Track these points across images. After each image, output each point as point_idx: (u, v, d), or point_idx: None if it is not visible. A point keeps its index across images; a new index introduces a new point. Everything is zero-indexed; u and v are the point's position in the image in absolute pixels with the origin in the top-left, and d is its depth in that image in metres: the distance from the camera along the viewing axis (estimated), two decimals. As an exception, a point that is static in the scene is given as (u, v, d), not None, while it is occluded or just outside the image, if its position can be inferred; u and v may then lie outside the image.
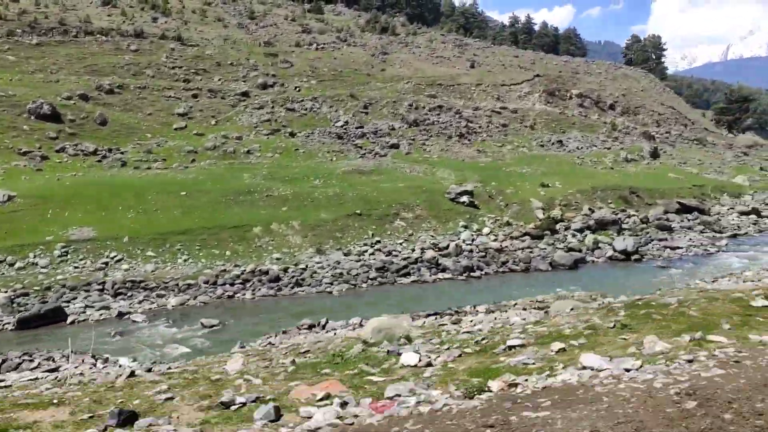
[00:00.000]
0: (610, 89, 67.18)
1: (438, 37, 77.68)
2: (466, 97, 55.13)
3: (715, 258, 26.74)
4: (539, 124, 53.22)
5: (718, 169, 51.44)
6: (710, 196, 40.24)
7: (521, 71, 64.04)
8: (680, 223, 33.61)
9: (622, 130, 57.55)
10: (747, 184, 45.04)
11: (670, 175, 44.11)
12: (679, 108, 74.38)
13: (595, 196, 32.64)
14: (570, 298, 13.81)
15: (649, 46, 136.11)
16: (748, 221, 35.54)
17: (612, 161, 46.76)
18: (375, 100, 50.06)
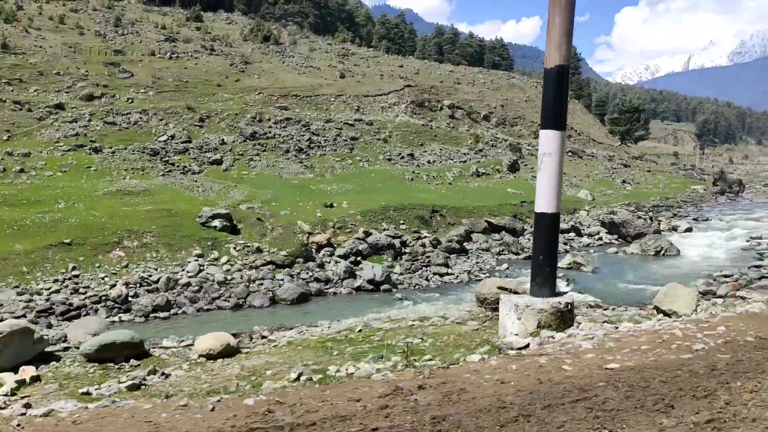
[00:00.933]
0: (489, 100, 65.83)
1: (323, 47, 75.36)
2: (322, 109, 52.67)
3: (475, 286, 24.50)
4: (395, 137, 51.10)
5: (575, 183, 50.15)
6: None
7: (394, 81, 62.04)
8: (483, 244, 31.64)
9: (489, 142, 55.98)
10: (589, 199, 43.67)
11: (509, 190, 42.41)
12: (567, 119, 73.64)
13: (384, 216, 30.28)
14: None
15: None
16: (561, 239, 33.79)
17: (456, 176, 44.85)
18: (215, 112, 47.13)
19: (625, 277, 25.72)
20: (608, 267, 28.02)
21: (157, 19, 72.03)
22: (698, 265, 27.92)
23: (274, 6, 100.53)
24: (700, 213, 44.01)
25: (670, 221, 39.13)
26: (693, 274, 25.19)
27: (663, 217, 41.69)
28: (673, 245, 31.34)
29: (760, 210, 45.50)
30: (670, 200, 47.55)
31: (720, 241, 33.92)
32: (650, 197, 47.30)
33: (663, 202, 46.25)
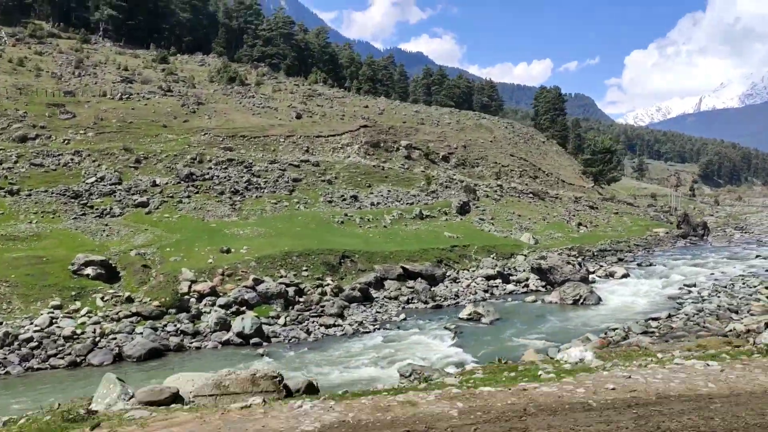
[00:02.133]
0: (451, 140, 64.85)
1: (290, 87, 75.17)
2: (269, 150, 51.73)
3: (357, 340, 22.80)
4: (342, 178, 49.94)
5: (525, 226, 48.57)
6: (471, 258, 36.90)
7: (353, 122, 61.26)
8: (394, 291, 29.96)
9: (443, 183, 54.71)
10: (531, 243, 42.00)
11: (447, 233, 40.85)
12: (533, 159, 72.55)
13: (285, 262, 28.74)
14: None
15: (551, 96, 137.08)
16: (483, 286, 32.12)
17: (395, 218, 43.41)
18: (154, 153, 46.20)
19: (522, 329, 23.93)
20: (514, 317, 26.23)
21: (125, 61, 72.10)
22: (608, 315, 26.12)
23: (252, 48, 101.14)
24: (647, 258, 42.23)
25: (608, 267, 37.29)
26: (591, 326, 23.42)
27: (605, 263, 39.93)
28: (594, 294, 29.56)
29: (714, 255, 43.65)
30: (622, 244, 45.77)
31: (651, 289, 32.11)
32: (600, 241, 45.55)
33: (612, 246, 44.49)
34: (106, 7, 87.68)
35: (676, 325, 20.82)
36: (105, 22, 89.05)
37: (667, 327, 20.50)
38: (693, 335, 18.10)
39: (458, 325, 24.53)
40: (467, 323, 25.20)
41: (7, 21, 78.99)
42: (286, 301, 26.13)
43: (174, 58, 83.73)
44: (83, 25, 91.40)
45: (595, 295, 29.55)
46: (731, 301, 25.15)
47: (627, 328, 20.57)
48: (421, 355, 20.39)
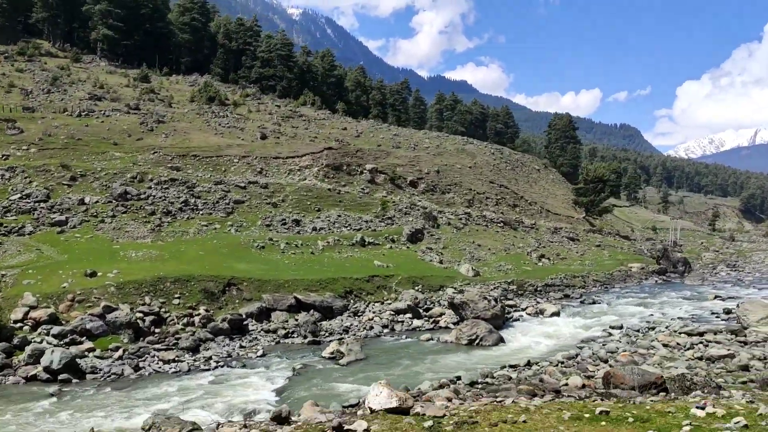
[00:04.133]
0: (425, 165, 62.40)
1: (270, 108, 74.11)
2: (219, 170, 50.21)
3: (187, 379, 20.45)
4: (289, 202, 47.97)
5: (478, 256, 45.62)
6: (391, 289, 34.27)
7: (319, 144, 59.47)
8: (282, 323, 27.53)
9: (403, 209, 52.21)
10: (470, 275, 39.08)
11: (376, 263, 38.32)
12: (517, 187, 69.39)
13: (155, 289, 26.65)
14: None
15: (561, 124, 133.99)
16: (385, 321, 29.42)
17: (331, 245, 41.06)
18: (93, 171, 45.14)
19: (376, 372, 21.17)
20: (383, 357, 23.52)
21: (107, 79, 72.25)
22: (493, 358, 23.28)
23: (251, 69, 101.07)
24: (597, 295, 38.78)
25: (539, 304, 34.15)
26: (461, 370, 20.43)
27: (546, 298, 36.77)
28: (494, 334, 26.61)
29: (674, 293, 39.93)
30: (577, 279, 42.36)
31: (570, 330, 28.95)
32: (552, 275, 42.26)
33: (564, 282, 41.15)
34: (102, 27, 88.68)
35: (524, 375, 17.88)
36: (101, 42, 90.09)
37: (506, 378, 17.58)
38: (514, 389, 15.22)
39: (308, 364, 21.96)
40: (327, 362, 22.61)
41: (12, 39, 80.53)
42: (136, 332, 23.97)
43: (166, 78, 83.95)
44: (85, 46, 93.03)
45: (496, 335, 26.60)
46: (630, 348, 21.98)
47: (455, 379, 17.71)
48: (233, 400, 17.99)
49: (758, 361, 18.55)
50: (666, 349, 21.28)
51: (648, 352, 20.98)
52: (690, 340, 22.10)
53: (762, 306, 26.33)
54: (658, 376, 15.06)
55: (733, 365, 17.51)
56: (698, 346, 21.42)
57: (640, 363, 18.97)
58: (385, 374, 20.95)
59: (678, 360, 18.72)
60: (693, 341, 21.95)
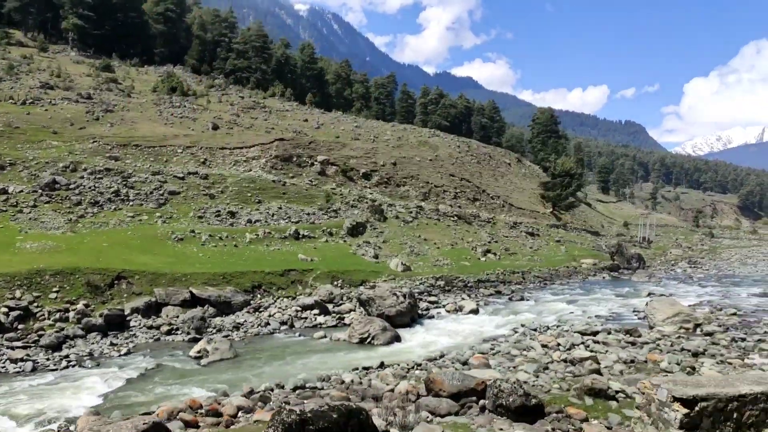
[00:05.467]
0: (381, 157, 61.00)
1: (234, 99, 72.75)
2: (160, 161, 48.94)
3: (18, 381, 19.18)
4: (229, 193, 46.69)
5: (418, 251, 44.30)
6: (307, 284, 33.02)
7: (273, 135, 58.12)
8: (165, 320, 26.26)
9: (350, 202, 50.90)
10: (399, 269, 37.78)
11: (300, 256, 37.05)
12: (480, 181, 67.95)
13: (30, 282, 25.38)
14: None
15: (544, 118, 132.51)
16: (285, 318, 28.12)
17: (260, 237, 39.79)
18: (24, 160, 43.91)
19: (233, 374, 19.88)
20: (258, 357, 22.20)
21: (67, 68, 70.97)
22: (376, 358, 21.78)
23: (225, 61, 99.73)
24: (529, 292, 37.45)
25: (459, 301, 32.85)
26: (324, 371, 19.08)
27: (471, 294, 35.47)
28: (388, 332, 25.30)
29: (609, 290, 38.56)
30: (515, 275, 41.03)
31: (479, 328, 27.61)
32: (490, 270, 40.94)
33: (499, 278, 39.82)
34: (72, 17, 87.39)
35: (369, 377, 16.57)
36: (72, 32, 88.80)
37: (339, 381, 16.28)
38: (328, 397, 13.91)
39: (163, 364, 20.69)
40: (189, 362, 21.34)
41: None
42: (-4, 326, 22.70)
43: (135, 69, 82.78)
44: (59, 36, 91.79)
45: (391, 333, 25.29)
46: (512, 348, 20.67)
47: (280, 384, 16.40)
48: (51, 404, 16.63)
49: (622, 364, 17.21)
50: (543, 350, 19.94)
51: (521, 353, 19.66)
52: (571, 340, 20.77)
53: (669, 304, 24.99)
54: (479, 383, 13.75)
55: (584, 369, 16.17)
56: (579, 347, 20.11)
57: (499, 365, 17.68)
58: (251, 374, 19.74)
59: (536, 363, 17.38)
60: (575, 341, 20.62)
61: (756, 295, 33.87)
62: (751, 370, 15.66)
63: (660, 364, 16.68)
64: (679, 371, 15.92)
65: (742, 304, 30.55)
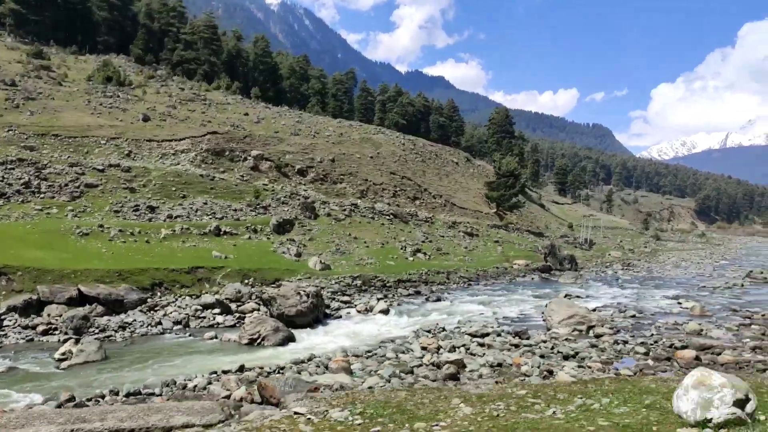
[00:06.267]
0: (320, 153, 59.93)
1: (173, 91, 70.69)
2: (80, 152, 46.95)
3: None
4: (152, 187, 45.02)
5: (344, 249, 43.41)
6: (214, 282, 31.79)
7: (206, 128, 56.48)
8: (45, 319, 24.75)
9: (282, 198, 49.68)
10: (317, 268, 36.83)
11: (215, 253, 35.77)
12: (423, 180, 67.45)
13: None
14: None
15: (499, 118, 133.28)
16: (181, 317, 26.86)
17: (178, 233, 38.33)
18: (-72, 148, 41.49)
19: (113, 373, 18.62)
20: (138, 358, 20.94)
21: (5, 54, 67.93)
22: (260, 360, 20.77)
23: (173, 52, 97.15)
24: (449, 292, 36.92)
25: (370, 301, 32.11)
26: (193, 372, 17.96)
27: (388, 294, 34.76)
28: (280, 333, 24.31)
29: (535, 290, 38.33)
30: (439, 275, 40.51)
31: (383, 329, 26.86)
32: (414, 270, 40.31)
33: (423, 277, 39.22)
34: (9, 1, 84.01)
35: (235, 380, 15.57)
36: (9, 17, 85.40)
37: (181, 386, 15.27)
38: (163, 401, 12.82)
39: (17, 367, 19.33)
40: (50, 364, 19.97)
41: None
42: None
43: (75, 57, 79.90)
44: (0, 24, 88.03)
45: (283, 334, 24.33)
46: (387, 353, 19.92)
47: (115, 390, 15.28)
48: None
49: (488, 368, 16.61)
50: (422, 352, 19.26)
51: (396, 355, 18.96)
52: (457, 342, 20.17)
53: (566, 306, 24.65)
54: (312, 388, 12.90)
55: (441, 374, 15.50)
56: (458, 350, 19.51)
57: (361, 369, 16.91)
58: (106, 378, 18.50)
59: (400, 366, 16.65)
60: (457, 344, 20.01)
61: (668, 298, 33.96)
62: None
63: (522, 368, 16.11)
64: (537, 376, 15.39)
65: (648, 306, 30.53)
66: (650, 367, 16.56)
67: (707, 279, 46.65)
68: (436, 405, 9.49)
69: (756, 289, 39.31)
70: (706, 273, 52.21)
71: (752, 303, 31.66)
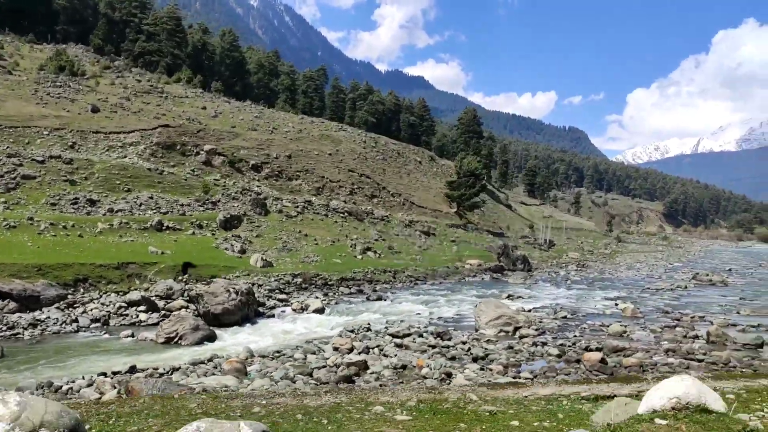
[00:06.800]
0: (276, 149, 59.00)
1: (129, 82, 69.02)
2: (21, 142, 45.37)
3: None
4: (95, 180, 43.68)
5: (291, 246, 42.60)
6: (146, 278, 30.76)
7: (157, 120, 55.13)
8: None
9: (232, 194, 48.66)
10: (258, 265, 36.01)
11: (151, 249, 34.71)
12: (382, 178, 66.91)
13: None
14: None
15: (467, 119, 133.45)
16: (102, 314, 25.84)
17: (115, 227, 37.12)
18: None
19: (4, 374, 17.61)
20: (39, 357, 19.90)
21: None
22: (170, 360, 19.93)
23: (134, 43, 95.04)
24: (393, 291, 36.41)
25: (306, 299, 31.43)
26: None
27: (329, 293, 34.11)
28: (199, 332, 23.54)
29: (480, 290, 38.00)
30: (386, 274, 39.98)
31: (312, 329, 26.18)
32: (359, 268, 39.71)
33: (369, 276, 38.67)
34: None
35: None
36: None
37: (46, 388, 14.43)
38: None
39: None
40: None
41: None
42: None
43: (30, 46, 77.59)
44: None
45: (202, 333, 23.55)
46: (295, 354, 19.25)
47: None
48: None
49: (392, 370, 16.07)
50: (334, 352, 18.66)
51: (304, 356, 18.32)
52: (374, 342, 19.62)
53: (495, 307, 24.25)
54: (182, 391, 12.16)
55: (336, 376, 14.90)
56: (372, 351, 18.94)
57: (259, 371, 16.22)
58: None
59: (298, 368, 16.00)
60: (372, 344, 19.46)
61: (608, 299, 33.88)
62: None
63: (422, 370, 15.61)
64: (436, 378, 14.90)
65: (585, 308, 30.37)
66: (555, 369, 16.19)
67: (655, 281, 46.91)
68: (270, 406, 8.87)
69: (698, 291, 39.56)
70: (656, 275, 52.57)
71: (687, 305, 31.73)
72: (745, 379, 13.14)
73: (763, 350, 19.71)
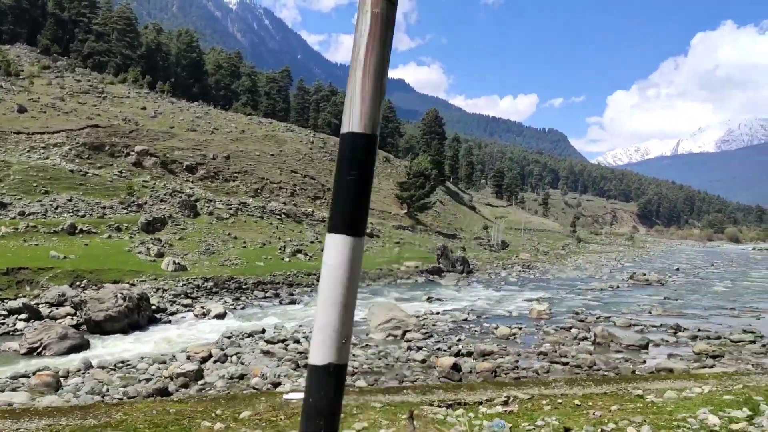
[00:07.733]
0: (214, 149, 57.37)
1: (69, 82, 66.88)
2: (-69, 143, 43.20)
3: None
4: (8, 182, 41.69)
5: (215, 249, 41.06)
6: (38, 285, 29.03)
7: (90, 120, 53.22)
8: None
9: (160, 195, 46.94)
10: (170, 269, 34.44)
11: (53, 253, 32.97)
12: (327, 179, 65.56)
13: None
14: None
15: (429, 119, 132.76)
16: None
17: (18, 230, 35.29)
18: None
19: None
20: None
21: None
22: None
23: (84, 44, 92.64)
24: (310, 295, 35.09)
25: (208, 304, 29.95)
26: None
27: (242, 296, 32.71)
28: (67, 341, 21.92)
29: (404, 293, 36.85)
30: (309, 277, 38.66)
31: (203, 335, 24.69)
32: (281, 271, 38.37)
33: (289, 279, 37.32)
34: None
35: None
36: None
37: None
38: None
39: None
40: None
41: None
42: None
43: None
44: None
45: (71, 342, 22.06)
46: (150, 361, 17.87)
47: None
48: None
49: (227, 380, 14.75)
50: (186, 361, 17.28)
51: (152, 365, 16.91)
52: (231, 350, 18.25)
53: (387, 309, 23.09)
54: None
55: (150, 388, 13.55)
56: (231, 359, 17.61)
57: (72, 388, 14.78)
58: None
59: (126, 379, 14.61)
60: (230, 352, 18.11)
61: (529, 300, 32.95)
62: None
63: (252, 380, 14.33)
64: (267, 386, 13.65)
65: (499, 309, 29.37)
66: (402, 377, 15.01)
67: (594, 281, 46.27)
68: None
69: (628, 291, 38.92)
70: (597, 275, 51.99)
71: (607, 305, 30.96)
72: (580, 386, 12.13)
73: (648, 351, 18.83)
